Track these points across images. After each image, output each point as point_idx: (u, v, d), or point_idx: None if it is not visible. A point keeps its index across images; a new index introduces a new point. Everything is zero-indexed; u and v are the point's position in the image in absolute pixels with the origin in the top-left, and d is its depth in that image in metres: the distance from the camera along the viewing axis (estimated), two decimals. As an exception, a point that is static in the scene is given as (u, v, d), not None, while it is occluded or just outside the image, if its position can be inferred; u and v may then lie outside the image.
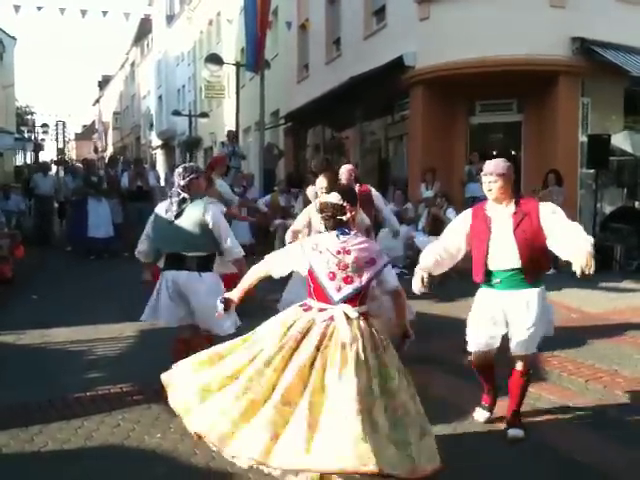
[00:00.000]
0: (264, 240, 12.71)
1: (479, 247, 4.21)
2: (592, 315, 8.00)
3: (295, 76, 20.90)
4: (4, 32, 34.85)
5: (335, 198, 3.66)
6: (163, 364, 5.77)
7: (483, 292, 4.31)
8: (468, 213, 4.41)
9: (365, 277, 3.54)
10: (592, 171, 12.30)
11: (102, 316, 7.74)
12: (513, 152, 13.73)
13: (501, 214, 4.20)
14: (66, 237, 14.57)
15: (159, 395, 5.07)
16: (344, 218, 3.62)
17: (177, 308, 5.02)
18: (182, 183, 5.02)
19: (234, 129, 19.24)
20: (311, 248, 3.59)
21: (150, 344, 6.67)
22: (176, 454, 4.11)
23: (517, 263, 4.11)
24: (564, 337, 6.76)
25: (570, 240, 3.98)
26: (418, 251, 10.77)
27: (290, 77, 21.11)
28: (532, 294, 4.16)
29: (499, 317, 4.22)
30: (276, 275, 3.79)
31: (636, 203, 13.52)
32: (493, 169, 4.20)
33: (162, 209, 5.10)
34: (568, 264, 4.03)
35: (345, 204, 3.63)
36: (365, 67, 14.37)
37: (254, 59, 17.34)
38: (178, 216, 4.98)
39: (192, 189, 5.04)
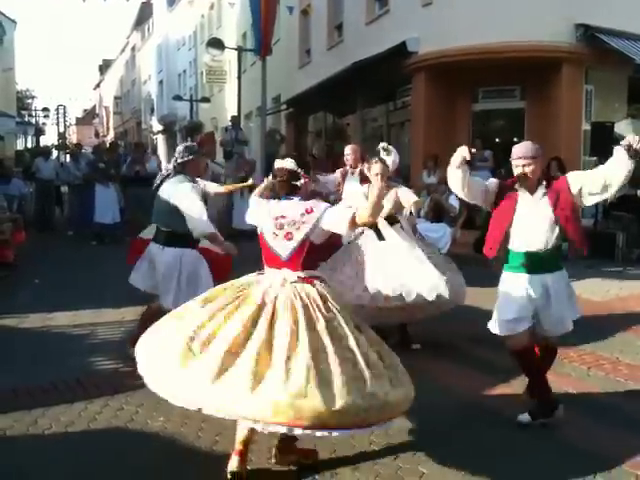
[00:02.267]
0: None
1: (501, 224, 4.16)
2: (594, 303, 8.00)
3: (297, 61, 20.81)
4: (4, 15, 34.72)
5: (290, 164, 3.77)
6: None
7: (511, 276, 4.21)
8: (496, 182, 4.33)
9: (305, 228, 3.61)
10: (595, 159, 12.27)
11: (104, 300, 7.75)
12: (516, 139, 13.68)
13: (532, 195, 4.15)
14: (68, 222, 14.54)
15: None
16: (298, 184, 3.74)
17: (146, 276, 5.46)
18: (179, 161, 5.24)
19: (236, 114, 19.19)
20: (265, 214, 3.74)
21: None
22: (179, 437, 4.13)
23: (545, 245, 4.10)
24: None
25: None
26: (420, 238, 10.81)
27: (292, 62, 21.03)
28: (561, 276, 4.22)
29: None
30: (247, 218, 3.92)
31: (638, 191, 13.48)
32: (524, 152, 4.13)
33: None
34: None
35: (300, 170, 3.75)
36: (367, 53, 14.31)
37: (259, 44, 17.27)
38: (156, 191, 5.28)
39: (188, 169, 5.26)
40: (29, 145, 40.87)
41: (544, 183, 4.15)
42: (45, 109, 51.70)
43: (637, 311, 7.47)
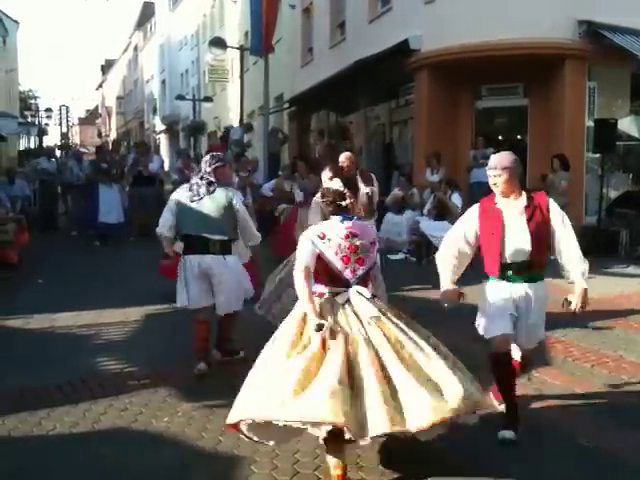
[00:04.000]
0: (268, 225, 12.71)
1: (494, 241, 4.11)
2: (597, 300, 7.94)
3: (299, 60, 20.78)
4: (7, 16, 34.79)
5: (337, 184, 3.94)
6: (169, 348, 5.85)
7: (494, 284, 4.17)
8: (475, 210, 4.26)
9: (372, 256, 3.87)
10: (598, 156, 12.24)
11: (108, 300, 7.75)
12: (519, 137, 13.66)
13: (512, 207, 4.12)
14: (72, 222, 14.56)
15: (166, 379, 5.14)
16: (343, 204, 3.82)
17: (204, 290, 5.29)
18: (208, 169, 5.28)
19: (239, 113, 19.23)
20: (318, 237, 3.73)
21: (156, 328, 6.70)
22: (183, 437, 4.13)
23: (527, 256, 4.07)
24: (569, 322, 6.77)
25: (570, 262, 4.12)
26: (423, 235, 10.83)
27: (294, 61, 21.00)
28: (540, 287, 4.19)
29: (511, 309, 4.12)
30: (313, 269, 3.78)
31: (642, 188, 13.46)
32: (497, 163, 4.13)
33: (183, 194, 5.31)
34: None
35: (346, 191, 3.87)
36: (370, 51, 14.27)
37: (259, 43, 17.27)
38: (203, 200, 5.21)
39: (218, 176, 5.29)
40: (32, 146, 40.89)
41: (524, 196, 4.15)
42: (48, 109, 51.74)
43: (641, 308, 7.45)
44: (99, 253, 11.86)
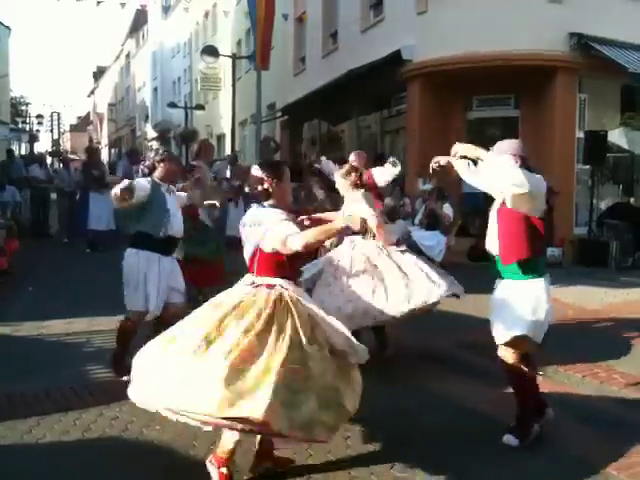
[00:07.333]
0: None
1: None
2: (588, 311, 8.03)
3: (292, 69, 20.85)
4: (-1, 22, 34.70)
5: (255, 170, 3.81)
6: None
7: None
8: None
9: (251, 243, 3.67)
10: (588, 167, 12.34)
11: (99, 308, 7.69)
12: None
13: None
14: (62, 229, 14.49)
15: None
16: (260, 188, 3.72)
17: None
18: (147, 164, 5.40)
19: (230, 121, 19.23)
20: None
21: (147, 336, 6.65)
22: (174, 446, 4.11)
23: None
24: (560, 333, 6.80)
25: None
26: (414, 245, 10.83)
27: (287, 70, 21.07)
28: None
29: None
30: None
31: (631, 199, 13.56)
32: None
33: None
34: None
35: (262, 175, 3.73)
36: (362, 61, 14.34)
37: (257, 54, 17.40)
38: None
39: (164, 172, 5.32)
40: (23, 152, 40.73)
41: None
42: (39, 116, 51.65)
43: (631, 319, 7.49)
44: (89, 260, 11.80)
